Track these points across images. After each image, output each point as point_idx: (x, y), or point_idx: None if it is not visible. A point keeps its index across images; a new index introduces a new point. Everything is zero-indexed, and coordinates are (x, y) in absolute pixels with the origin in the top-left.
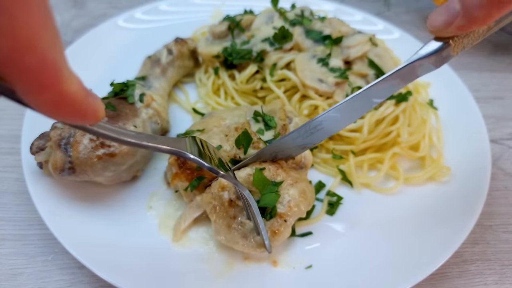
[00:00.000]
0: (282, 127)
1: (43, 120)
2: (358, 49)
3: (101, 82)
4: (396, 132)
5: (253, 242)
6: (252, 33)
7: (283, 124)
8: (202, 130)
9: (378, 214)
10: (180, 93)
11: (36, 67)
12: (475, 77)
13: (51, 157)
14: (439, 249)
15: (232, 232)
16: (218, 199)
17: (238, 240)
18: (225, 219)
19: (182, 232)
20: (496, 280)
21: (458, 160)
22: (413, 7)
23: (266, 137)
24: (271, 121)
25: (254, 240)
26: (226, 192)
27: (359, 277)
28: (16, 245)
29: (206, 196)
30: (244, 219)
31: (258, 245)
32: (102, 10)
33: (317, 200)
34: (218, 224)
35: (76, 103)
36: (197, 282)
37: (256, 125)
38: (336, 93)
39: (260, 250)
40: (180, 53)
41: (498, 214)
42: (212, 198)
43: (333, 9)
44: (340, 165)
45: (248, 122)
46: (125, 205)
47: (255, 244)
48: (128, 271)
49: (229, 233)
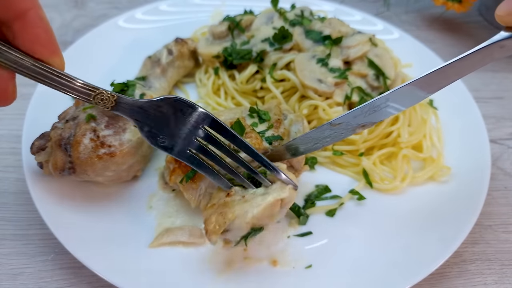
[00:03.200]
0: (276, 121)
1: (44, 120)
2: (358, 49)
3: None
4: (397, 132)
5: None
6: (252, 33)
7: (278, 119)
8: None
9: (378, 214)
10: (180, 93)
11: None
12: (475, 77)
13: (52, 157)
14: (439, 249)
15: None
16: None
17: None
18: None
19: (160, 244)
20: (495, 280)
21: (458, 160)
22: (413, 7)
23: (260, 129)
24: (265, 114)
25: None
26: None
27: (359, 277)
28: (16, 245)
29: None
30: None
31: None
32: (102, 10)
33: (333, 198)
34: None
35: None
36: (197, 282)
37: (251, 120)
38: (336, 93)
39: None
40: (180, 53)
41: (497, 214)
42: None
43: (333, 9)
44: (354, 167)
45: (243, 118)
46: (125, 205)
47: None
48: (128, 271)
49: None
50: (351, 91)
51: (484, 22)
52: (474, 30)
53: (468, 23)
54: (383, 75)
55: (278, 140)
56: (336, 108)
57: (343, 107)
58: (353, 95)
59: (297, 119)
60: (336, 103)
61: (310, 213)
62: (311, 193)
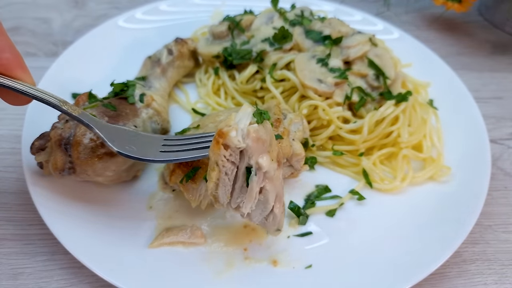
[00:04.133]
0: (276, 121)
1: (44, 120)
2: (358, 49)
3: (101, 82)
4: (397, 132)
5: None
6: (252, 33)
7: (277, 118)
8: (197, 127)
9: (378, 214)
10: (180, 93)
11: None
12: (475, 77)
13: (52, 157)
14: (439, 249)
15: None
16: None
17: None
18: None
19: (160, 244)
20: (496, 280)
21: (458, 160)
22: (413, 7)
23: None
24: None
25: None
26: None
27: (359, 277)
28: (16, 245)
29: None
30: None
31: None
32: (102, 10)
33: (332, 198)
34: None
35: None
36: (197, 282)
37: None
38: (336, 93)
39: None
40: (180, 53)
41: (498, 214)
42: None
43: (333, 9)
44: (354, 167)
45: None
46: (125, 205)
47: None
48: (128, 271)
49: None
50: (351, 91)
51: (484, 22)
52: (474, 30)
53: (468, 23)
54: (383, 75)
55: (278, 140)
56: (336, 108)
57: (343, 107)
58: (353, 95)
59: (297, 119)
60: (336, 103)
61: (310, 213)
62: (311, 193)
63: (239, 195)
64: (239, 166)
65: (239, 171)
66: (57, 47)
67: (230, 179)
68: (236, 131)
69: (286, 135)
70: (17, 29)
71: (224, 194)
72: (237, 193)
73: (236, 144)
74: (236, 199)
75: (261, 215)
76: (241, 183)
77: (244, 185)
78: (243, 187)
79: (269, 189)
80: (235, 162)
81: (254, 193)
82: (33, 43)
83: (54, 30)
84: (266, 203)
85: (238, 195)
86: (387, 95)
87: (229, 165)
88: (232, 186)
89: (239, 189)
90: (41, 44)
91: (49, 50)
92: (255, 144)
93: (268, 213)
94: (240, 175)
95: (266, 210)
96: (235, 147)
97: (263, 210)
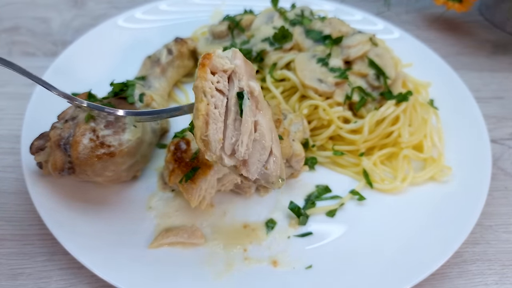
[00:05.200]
0: (276, 121)
1: (43, 120)
2: (358, 49)
3: (101, 82)
4: (397, 132)
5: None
6: (252, 33)
7: (277, 118)
8: None
9: (378, 214)
10: (180, 93)
11: None
12: (475, 77)
13: (51, 157)
14: (439, 249)
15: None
16: None
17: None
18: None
19: (160, 244)
20: (496, 280)
21: (458, 160)
22: (413, 7)
23: None
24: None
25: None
26: None
27: (359, 277)
28: (16, 245)
29: None
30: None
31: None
32: (102, 10)
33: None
34: None
35: None
36: (197, 282)
37: None
38: (336, 93)
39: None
40: (180, 53)
41: (498, 214)
42: None
43: (333, 9)
44: (354, 167)
45: None
46: (125, 205)
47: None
48: (128, 271)
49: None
50: (352, 91)
51: (485, 22)
52: (474, 29)
53: (468, 22)
54: (383, 74)
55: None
56: (336, 108)
57: (343, 107)
58: (353, 95)
59: (297, 119)
60: (337, 103)
61: (310, 214)
62: (311, 193)
63: (233, 133)
64: (228, 96)
65: (229, 102)
66: (57, 47)
67: (221, 113)
68: (221, 52)
69: (286, 135)
70: (16, 29)
71: (215, 135)
72: (230, 130)
73: (223, 65)
74: (230, 140)
75: (259, 161)
76: (233, 115)
77: (237, 117)
78: (236, 120)
79: (263, 123)
80: (224, 92)
81: (249, 123)
82: (32, 43)
83: (53, 30)
84: (263, 139)
85: (232, 133)
86: (388, 95)
87: (218, 95)
88: (224, 123)
89: (232, 124)
90: (40, 43)
91: (48, 50)
92: (244, 64)
93: (267, 157)
94: (231, 106)
95: (264, 151)
96: (223, 70)
97: (261, 153)
